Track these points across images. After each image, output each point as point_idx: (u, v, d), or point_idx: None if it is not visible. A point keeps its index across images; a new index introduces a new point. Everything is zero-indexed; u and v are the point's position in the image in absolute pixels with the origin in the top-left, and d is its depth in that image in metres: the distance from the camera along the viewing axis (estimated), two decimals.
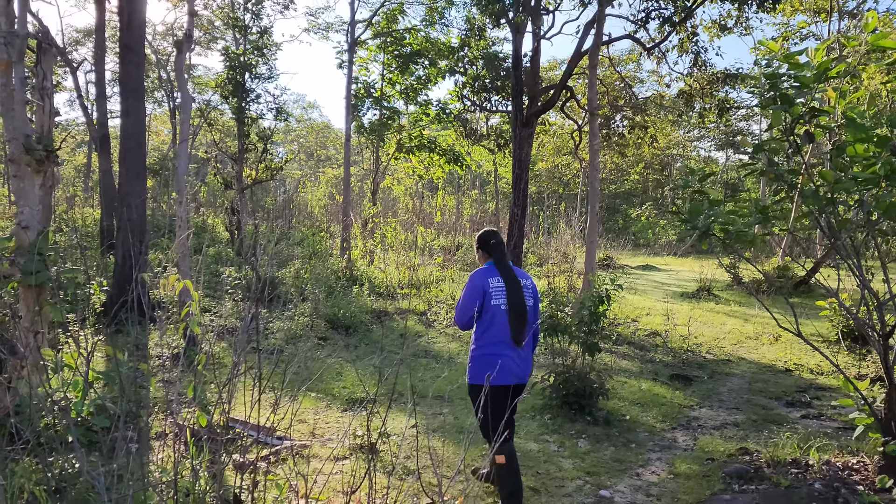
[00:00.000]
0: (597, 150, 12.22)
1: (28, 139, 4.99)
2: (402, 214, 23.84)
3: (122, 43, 10.94)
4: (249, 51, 21.67)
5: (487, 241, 4.57)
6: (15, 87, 4.94)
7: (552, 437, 5.97)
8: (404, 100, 19.02)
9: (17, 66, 4.93)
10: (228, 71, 22.03)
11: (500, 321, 4.32)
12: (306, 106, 59.69)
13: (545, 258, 19.64)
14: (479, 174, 40.35)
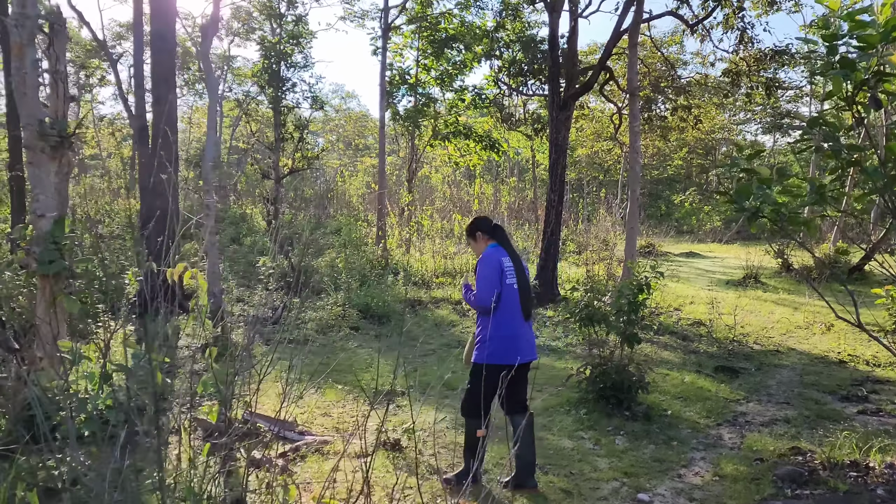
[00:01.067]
0: (637, 132, 11.74)
1: (41, 124, 4.83)
2: (439, 203, 23.54)
3: (152, 30, 10.85)
4: (285, 40, 21.58)
5: (488, 224, 4.72)
6: (27, 71, 4.78)
7: (587, 434, 5.63)
8: (439, 86, 18.68)
9: (28, 49, 4.77)
10: (264, 60, 22.00)
11: (515, 300, 4.48)
12: (345, 95, 59.83)
13: (584, 246, 19.17)
14: (517, 162, 39.83)
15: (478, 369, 4.41)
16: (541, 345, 9.36)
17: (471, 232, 4.74)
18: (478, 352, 4.46)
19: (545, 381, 7.40)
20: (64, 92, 4.95)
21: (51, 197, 4.98)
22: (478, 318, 4.57)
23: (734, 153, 5.92)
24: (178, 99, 47.96)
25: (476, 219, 4.79)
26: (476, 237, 4.70)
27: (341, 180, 33.82)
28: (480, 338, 4.44)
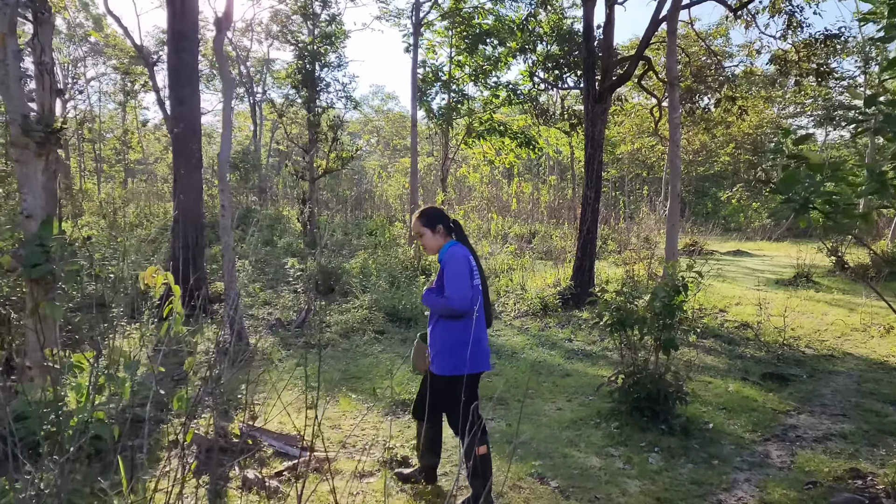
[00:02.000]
0: (677, 124, 11.12)
1: (26, 119, 4.55)
2: (474, 202, 23.09)
3: (174, 29, 10.65)
4: (318, 40, 21.42)
5: (445, 218, 4.24)
6: (9, 62, 4.50)
7: (618, 451, 5.13)
8: (473, 82, 18.25)
9: (9, 39, 4.48)
10: (298, 61, 21.86)
11: (481, 303, 4.07)
12: (385, 97, 59.82)
13: (625, 244, 18.51)
14: (557, 160, 39.14)
15: (457, 381, 3.95)
16: (574, 349, 8.86)
17: (430, 223, 4.16)
18: (451, 360, 3.97)
19: (575, 389, 6.91)
20: (51, 85, 4.67)
21: (38, 196, 4.70)
22: (437, 322, 4.03)
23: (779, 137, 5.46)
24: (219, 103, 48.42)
25: (432, 209, 4.26)
26: (435, 230, 4.15)
27: (378, 181, 33.63)
28: (449, 344, 3.97)
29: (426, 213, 4.21)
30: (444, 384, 3.99)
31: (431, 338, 4.08)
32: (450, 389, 3.99)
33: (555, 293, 11.69)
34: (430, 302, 4.01)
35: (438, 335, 4.03)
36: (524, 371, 7.67)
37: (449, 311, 3.90)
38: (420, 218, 4.19)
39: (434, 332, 4.06)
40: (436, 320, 4.05)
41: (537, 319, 10.63)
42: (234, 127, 52.65)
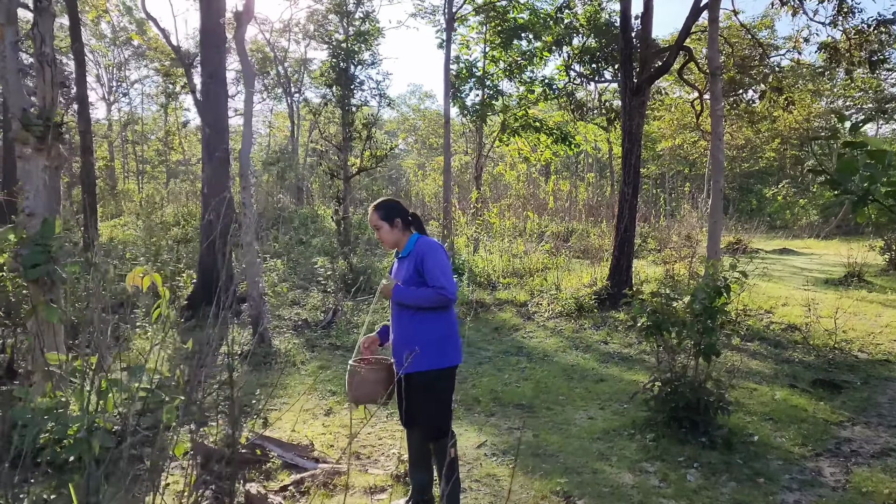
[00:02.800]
0: (720, 116, 10.59)
1: (25, 113, 4.35)
2: (507, 200, 22.66)
3: (201, 25, 10.53)
4: (352, 38, 21.28)
5: (404, 211, 3.93)
6: (7, 54, 4.31)
7: (653, 466, 4.73)
8: (508, 77, 17.85)
9: (8, 29, 4.29)
10: (332, 59, 21.75)
11: None
12: (422, 96, 59.68)
13: (666, 242, 17.92)
14: (597, 157, 38.47)
15: (446, 374, 3.76)
16: (610, 352, 8.45)
17: (387, 216, 3.86)
18: (440, 352, 3.70)
19: (609, 396, 6.51)
20: (52, 77, 4.47)
21: (40, 194, 4.50)
22: (417, 316, 3.71)
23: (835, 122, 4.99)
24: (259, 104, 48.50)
25: (390, 201, 3.97)
26: (393, 223, 3.85)
27: (414, 179, 33.43)
28: (437, 337, 3.70)
29: (383, 206, 3.91)
30: (431, 379, 3.68)
31: (409, 334, 3.72)
32: (437, 384, 3.71)
33: (590, 293, 11.26)
34: (418, 296, 3.65)
35: (423, 329, 3.69)
36: (555, 375, 7.30)
37: (444, 301, 3.63)
38: (377, 210, 3.89)
39: (413, 327, 3.71)
40: (413, 315, 3.71)
41: (571, 321, 10.22)
42: (274, 127, 53.05)
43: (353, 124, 20.89)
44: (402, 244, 3.86)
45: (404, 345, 3.71)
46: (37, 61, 4.42)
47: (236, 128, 50.13)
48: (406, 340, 3.72)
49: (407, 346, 3.68)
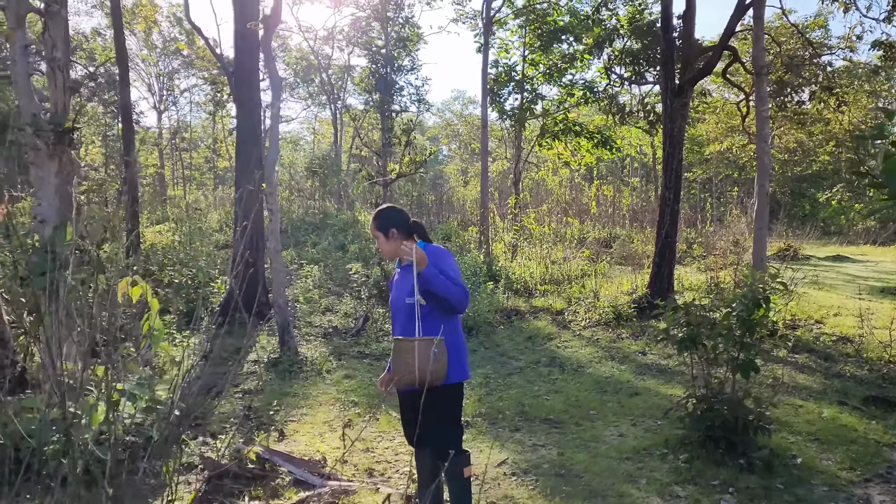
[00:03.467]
0: (766, 117, 10.14)
1: (35, 118, 4.28)
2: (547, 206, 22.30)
3: (234, 32, 10.53)
4: (392, 43, 21.29)
5: (403, 219, 3.67)
6: (17, 58, 4.25)
7: (685, 490, 4.41)
8: (547, 81, 17.55)
9: (17, 33, 4.23)
10: (371, 65, 21.79)
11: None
12: (466, 102, 59.53)
13: (711, 249, 17.37)
14: (642, 162, 37.75)
15: (459, 388, 3.55)
16: (647, 364, 8.11)
17: (382, 226, 3.62)
18: (458, 365, 3.48)
19: (643, 411, 6.19)
20: (63, 82, 4.40)
21: (52, 200, 4.43)
22: (439, 323, 3.42)
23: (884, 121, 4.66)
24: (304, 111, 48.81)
25: (388, 210, 3.70)
26: (389, 234, 3.60)
27: (455, 184, 33.29)
28: (455, 347, 3.48)
29: (379, 215, 3.68)
30: (444, 394, 3.42)
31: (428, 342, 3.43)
32: (451, 399, 3.48)
33: (630, 301, 10.90)
34: (446, 284, 3.35)
35: (430, 334, 3.42)
36: (587, 388, 7.00)
37: (464, 301, 3.42)
38: (374, 220, 3.68)
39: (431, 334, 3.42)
40: (436, 321, 3.44)
41: (609, 330, 9.89)
42: (318, 134, 53.54)
43: (393, 130, 20.88)
44: (404, 254, 3.63)
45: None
46: (48, 66, 4.36)
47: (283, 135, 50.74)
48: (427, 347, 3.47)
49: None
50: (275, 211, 7.64)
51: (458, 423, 3.52)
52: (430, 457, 3.57)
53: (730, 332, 4.96)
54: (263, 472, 4.25)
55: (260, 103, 10.74)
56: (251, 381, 7.25)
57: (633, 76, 15.12)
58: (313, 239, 20.79)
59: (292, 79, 43.33)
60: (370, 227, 3.71)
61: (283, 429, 5.42)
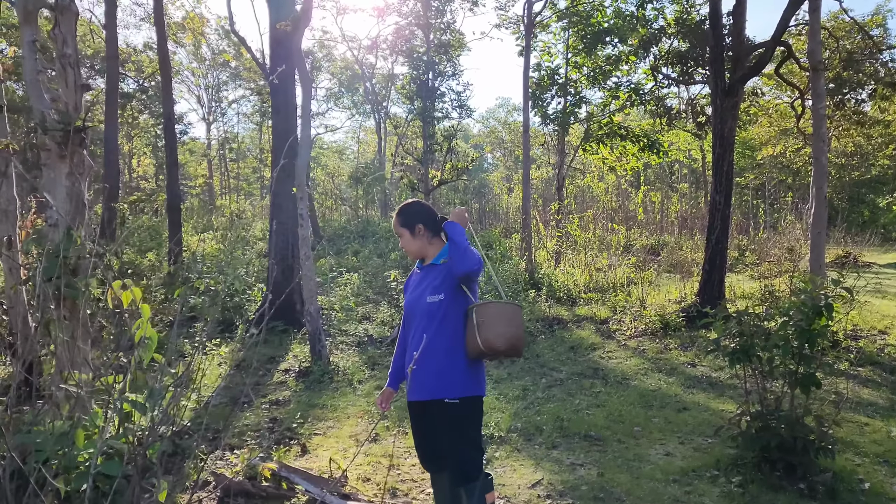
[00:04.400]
0: (822, 115, 9.56)
1: (44, 116, 4.12)
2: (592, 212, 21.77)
3: (270, 37, 10.44)
4: (434, 49, 21.10)
5: (431, 215, 3.38)
6: (24, 54, 4.10)
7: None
8: (591, 84, 17.10)
9: (24, 28, 4.09)
10: (412, 71, 21.63)
11: None
12: (510, 109, 59.15)
13: (765, 256, 16.66)
14: (692, 167, 36.80)
15: (480, 403, 3.24)
16: (697, 376, 7.64)
17: (408, 222, 3.33)
18: (473, 378, 3.17)
19: (692, 428, 5.76)
20: (75, 79, 4.23)
21: (62, 203, 4.27)
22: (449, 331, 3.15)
23: None
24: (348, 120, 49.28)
25: (414, 204, 3.42)
26: (415, 231, 3.31)
27: (499, 191, 32.95)
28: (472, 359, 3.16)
29: (404, 210, 3.38)
30: (464, 410, 3.12)
31: (441, 353, 3.13)
32: (471, 415, 3.16)
33: (678, 310, 10.41)
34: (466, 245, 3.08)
35: (457, 349, 3.14)
36: (632, 402, 6.58)
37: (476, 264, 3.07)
38: (398, 216, 3.37)
39: (445, 344, 3.14)
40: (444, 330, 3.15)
41: (656, 340, 9.42)
42: (363, 142, 53.85)
43: (434, 136, 20.66)
44: (430, 254, 3.33)
45: (431, 366, 3.13)
46: (58, 63, 4.20)
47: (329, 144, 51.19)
48: (434, 361, 3.13)
49: (434, 367, 3.13)
50: (305, 216, 7.44)
51: (477, 442, 3.18)
52: (448, 482, 3.25)
53: (787, 343, 4.52)
54: (278, 491, 3.99)
55: (296, 109, 10.59)
56: (281, 391, 7.03)
57: (680, 76, 14.59)
58: (355, 247, 20.71)
59: (337, 88, 43.68)
60: (393, 224, 3.41)
61: (305, 443, 5.16)
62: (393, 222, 3.40)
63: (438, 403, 3.10)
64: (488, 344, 3.02)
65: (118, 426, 4.29)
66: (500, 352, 3.08)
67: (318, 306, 7.69)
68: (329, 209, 34.49)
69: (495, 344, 3.03)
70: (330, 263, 16.17)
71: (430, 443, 3.26)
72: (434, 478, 3.35)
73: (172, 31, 27.33)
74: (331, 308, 11.06)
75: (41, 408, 4.56)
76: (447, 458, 3.16)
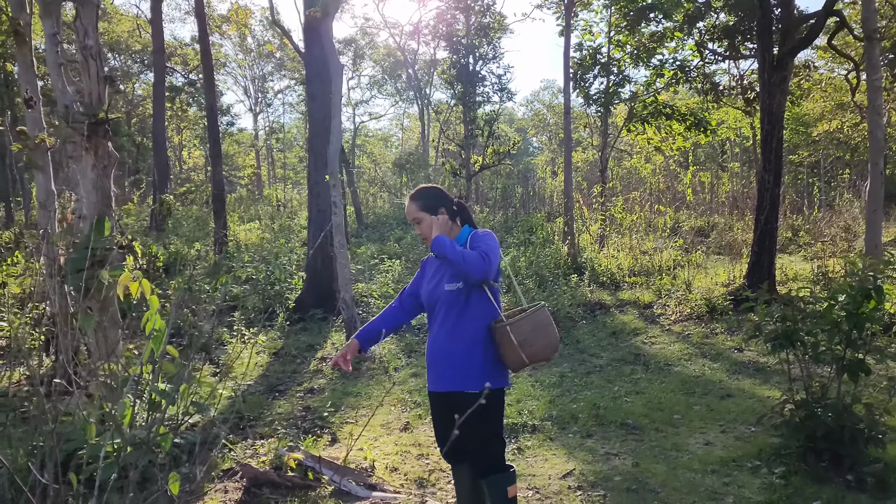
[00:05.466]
0: (878, 87, 9.09)
1: (67, 109, 4.14)
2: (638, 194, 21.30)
3: (305, 25, 10.42)
4: (474, 32, 20.88)
5: (449, 198, 3.26)
6: (46, 47, 4.12)
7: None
8: (635, 62, 16.65)
9: (44, 21, 4.10)
10: (452, 55, 21.45)
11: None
12: (555, 91, 58.39)
13: (819, 235, 16.06)
14: (743, 146, 35.77)
15: (502, 395, 3.18)
16: (743, 361, 7.38)
17: (430, 206, 3.17)
18: (497, 369, 3.07)
19: (735, 416, 5.54)
20: (97, 71, 4.23)
21: (89, 195, 4.29)
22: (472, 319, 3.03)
23: None
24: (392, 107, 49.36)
25: (430, 188, 3.29)
26: (438, 214, 3.15)
27: (542, 175, 32.58)
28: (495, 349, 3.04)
29: (423, 194, 3.23)
30: (488, 401, 2.97)
31: (463, 342, 3.02)
32: (494, 407, 3.06)
33: (725, 293, 10.09)
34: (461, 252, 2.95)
35: (480, 338, 3.02)
36: (673, 389, 6.38)
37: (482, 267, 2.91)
38: (415, 200, 3.22)
39: (468, 334, 3.02)
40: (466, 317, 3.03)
41: (702, 324, 9.15)
42: (406, 130, 53.87)
43: (476, 121, 20.48)
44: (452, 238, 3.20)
45: (452, 356, 3.03)
46: (80, 55, 4.21)
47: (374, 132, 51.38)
48: (455, 351, 3.02)
49: (456, 357, 3.03)
50: (338, 204, 7.40)
51: (499, 435, 3.08)
52: (469, 474, 3.16)
53: (834, 328, 4.28)
54: (304, 482, 3.96)
55: (330, 97, 10.56)
56: (317, 379, 7.04)
57: (728, 51, 14.09)
58: (398, 234, 20.70)
59: (380, 76, 43.73)
60: (408, 209, 3.26)
61: (336, 432, 5.14)
62: (408, 208, 3.25)
63: (460, 395, 3.01)
64: (535, 359, 2.99)
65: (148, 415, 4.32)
66: (547, 359, 3.09)
67: (352, 294, 7.67)
68: (373, 196, 34.62)
69: (541, 356, 3.02)
70: (372, 250, 16.18)
71: (451, 434, 3.17)
72: (455, 469, 3.27)
73: (217, 24, 27.68)
74: (370, 295, 11.06)
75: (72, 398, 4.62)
76: (468, 451, 3.08)
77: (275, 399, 6.29)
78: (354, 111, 45.16)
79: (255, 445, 4.66)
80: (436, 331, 3.12)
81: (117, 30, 28.75)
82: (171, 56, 28.71)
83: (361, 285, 11.72)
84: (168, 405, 4.03)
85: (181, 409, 4.01)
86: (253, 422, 5.48)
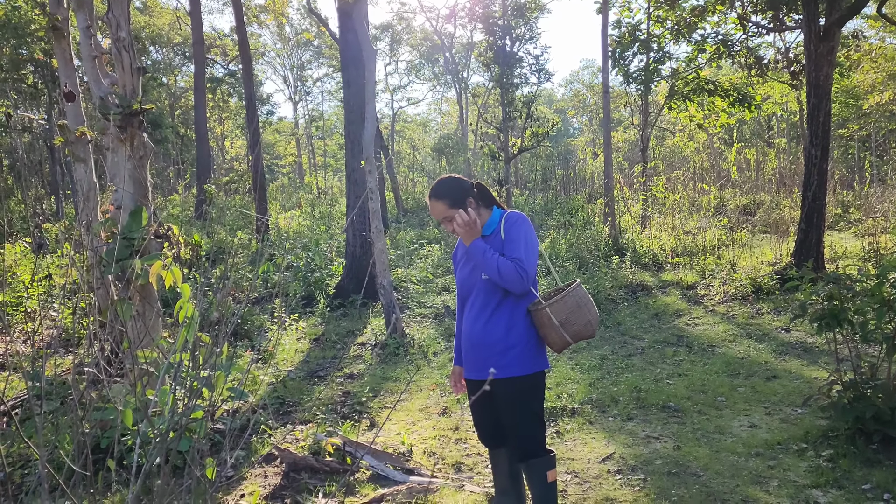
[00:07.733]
0: None
1: (102, 101, 4.20)
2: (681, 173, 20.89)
3: (339, 11, 10.41)
4: (510, 13, 20.65)
5: (469, 185, 3.12)
6: (80, 40, 4.18)
7: (826, 496, 3.69)
8: (675, 38, 16.26)
9: (78, 14, 4.16)
10: (488, 37, 21.26)
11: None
12: (595, 71, 57.51)
13: (870, 211, 15.54)
14: (790, 121, 34.76)
15: (542, 379, 3.09)
16: (790, 342, 7.20)
17: (457, 201, 3.01)
18: (535, 354, 3.02)
19: (781, 397, 5.40)
20: (130, 62, 4.29)
21: (126, 185, 4.36)
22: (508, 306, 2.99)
23: None
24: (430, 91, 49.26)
25: (450, 180, 3.13)
26: (467, 206, 3.00)
27: (582, 156, 32.18)
28: (535, 334, 3.01)
29: (445, 192, 3.06)
30: (526, 386, 3.00)
31: (500, 328, 2.98)
32: (534, 392, 3.04)
33: (771, 272, 9.84)
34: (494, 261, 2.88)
35: (517, 323, 2.99)
36: (717, 371, 6.26)
37: (518, 280, 2.86)
38: (442, 198, 3.04)
39: (505, 320, 2.98)
40: (504, 304, 2.99)
41: (747, 305, 8.95)
42: (444, 114, 53.73)
43: (514, 103, 20.31)
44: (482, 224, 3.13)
45: (490, 344, 3.00)
46: (113, 46, 4.26)
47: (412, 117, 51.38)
48: (494, 340, 2.99)
49: (496, 346, 2.99)
50: (374, 189, 7.41)
51: (539, 418, 3.04)
52: (508, 459, 3.14)
53: (884, 306, 4.13)
54: (342, 466, 3.99)
55: (364, 83, 10.55)
56: (357, 364, 7.09)
57: (772, 23, 13.67)
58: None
59: (418, 60, 43.62)
60: (434, 209, 3.07)
61: (375, 417, 5.17)
62: (435, 208, 3.07)
63: (499, 381, 2.97)
64: (579, 337, 2.99)
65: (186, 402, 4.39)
66: (591, 336, 3.06)
67: (390, 279, 7.69)
68: (413, 181, 34.69)
69: (584, 334, 3.00)
70: (411, 235, 16.22)
71: (490, 418, 3.16)
72: (492, 454, 3.25)
73: (254, 13, 27.90)
74: (409, 280, 11.09)
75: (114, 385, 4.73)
76: (508, 435, 3.07)
77: (315, 384, 6.36)
78: (393, 97, 45.16)
79: (295, 431, 4.71)
80: (473, 318, 3.07)
81: (158, 23, 29.20)
82: (211, 47, 29.07)
83: (401, 270, 11.77)
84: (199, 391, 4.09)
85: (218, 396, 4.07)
86: (293, 407, 5.55)
